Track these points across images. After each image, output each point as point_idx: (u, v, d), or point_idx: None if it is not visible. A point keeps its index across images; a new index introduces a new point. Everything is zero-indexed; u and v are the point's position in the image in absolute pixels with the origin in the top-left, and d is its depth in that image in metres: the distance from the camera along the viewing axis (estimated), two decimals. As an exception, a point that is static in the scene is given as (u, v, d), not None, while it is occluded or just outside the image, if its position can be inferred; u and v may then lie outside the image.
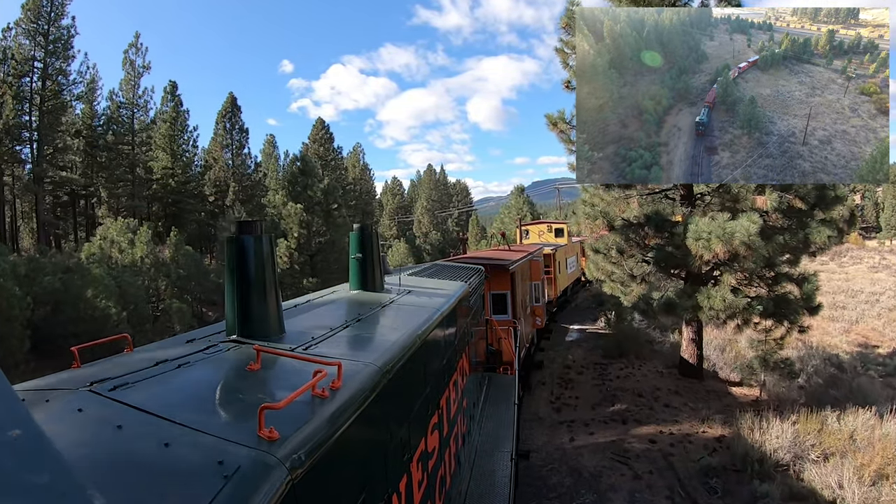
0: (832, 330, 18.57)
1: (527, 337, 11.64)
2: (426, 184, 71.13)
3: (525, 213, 35.80)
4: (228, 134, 42.19)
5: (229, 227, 25.41)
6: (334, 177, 45.51)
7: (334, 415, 1.76)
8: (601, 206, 11.12)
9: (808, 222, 9.31)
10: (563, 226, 22.75)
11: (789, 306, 9.77)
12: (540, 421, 9.37)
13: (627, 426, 9.00)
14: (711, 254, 8.69)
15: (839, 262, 37.47)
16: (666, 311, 10.33)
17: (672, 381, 11.36)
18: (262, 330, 2.47)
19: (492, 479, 4.68)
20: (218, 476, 1.24)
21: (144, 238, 21.66)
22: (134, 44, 36.45)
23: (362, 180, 58.31)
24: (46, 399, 1.57)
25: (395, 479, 2.47)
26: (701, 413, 9.34)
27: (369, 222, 33.09)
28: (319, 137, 49.59)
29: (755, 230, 8.18)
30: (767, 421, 7.86)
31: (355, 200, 52.80)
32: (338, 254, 25.37)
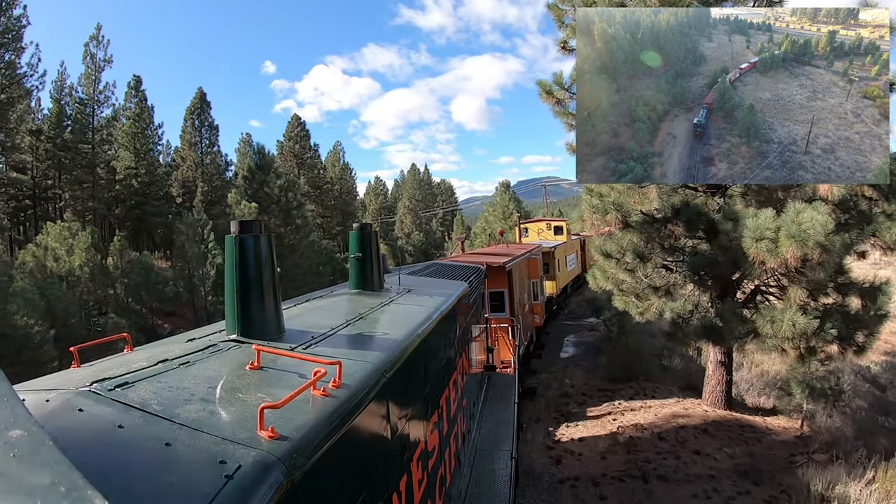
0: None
1: (525, 336, 11.65)
2: (410, 183, 70.15)
3: (511, 211, 33.21)
4: (197, 131, 39.64)
5: (187, 231, 23.46)
6: (311, 176, 44.44)
7: (334, 414, 1.77)
8: (612, 197, 8.68)
9: (876, 216, 7.44)
10: (563, 223, 22.86)
11: (861, 324, 7.55)
12: (535, 481, 7.26)
13: (650, 486, 6.94)
14: (779, 259, 6.51)
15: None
16: (706, 337, 8.19)
17: (696, 413, 9.47)
18: (261, 329, 2.47)
19: (492, 477, 4.69)
20: (219, 475, 1.24)
21: (84, 244, 19.62)
22: (95, 36, 33.79)
23: (342, 180, 56.25)
24: (46, 399, 1.57)
25: (396, 478, 2.48)
26: (742, 462, 7.43)
27: (353, 222, 34.58)
28: (295, 135, 47.20)
29: (831, 226, 6.15)
30: (832, 476, 6.23)
31: (335, 200, 51.51)
32: (301, 259, 22.49)
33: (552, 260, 18.07)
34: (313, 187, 45.35)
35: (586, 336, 17.25)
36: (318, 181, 47.17)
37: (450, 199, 75.61)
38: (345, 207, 53.39)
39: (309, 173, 45.63)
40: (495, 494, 4.43)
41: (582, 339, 16.96)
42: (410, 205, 63.50)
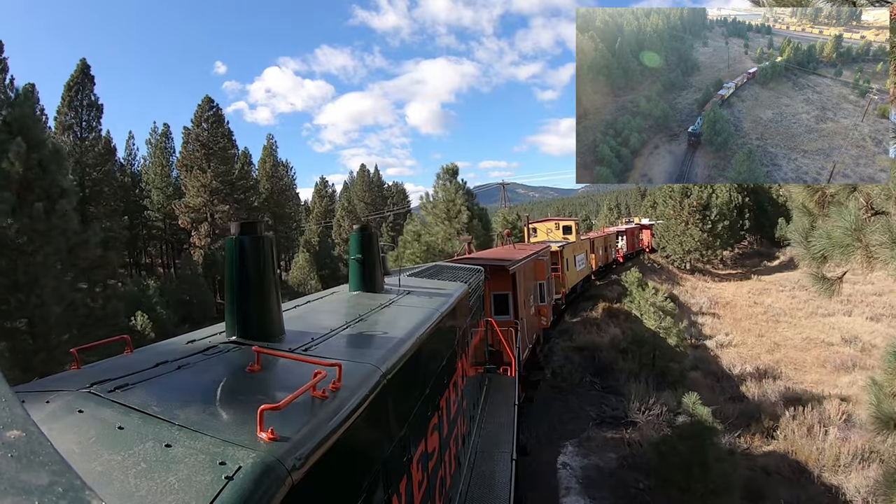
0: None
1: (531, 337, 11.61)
2: (359, 185, 64.48)
3: (460, 208, 22.38)
4: (74, 111, 31.27)
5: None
6: (222, 170, 36.99)
7: (334, 416, 1.77)
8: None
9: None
10: (572, 223, 22.90)
11: None
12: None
13: None
14: None
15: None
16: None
17: None
18: (261, 331, 2.47)
19: (492, 479, 4.68)
20: (219, 477, 1.25)
21: None
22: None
23: (274, 178, 48.39)
24: (46, 400, 1.57)
25: (395, 479, 2.48)
26: None
27: (292, 225, 28.56)
28: (206, 118, 38.18)
29: None
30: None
31: (264, 201, 44.31)
32: (51, 277, 10.80)
33: (561, 260, 18.06)
34: (224, 184, 37.46)
35: (599, 445, 8.90)
36: (229, 176, 38.31)
37: (402, 203, 66.74)
38: (276, 209, 46.20)
39: (220, 166, 37.37)
40: (495, 496, 4.42)
41: (592, 460, 8.57)
42: (350, 206, 54.97)
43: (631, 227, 38.60)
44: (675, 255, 33.80)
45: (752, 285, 31.05)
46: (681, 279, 31.69)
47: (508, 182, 59.79)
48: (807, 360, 17.66)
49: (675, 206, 33.63)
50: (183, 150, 38.27)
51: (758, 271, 35.51)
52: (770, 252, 42.49)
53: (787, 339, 20.20)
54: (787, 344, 19.61)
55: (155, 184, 41.20)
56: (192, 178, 36.57)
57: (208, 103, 38.78)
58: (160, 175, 41.51)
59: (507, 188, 54.31)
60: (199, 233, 36.67)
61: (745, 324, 22.70)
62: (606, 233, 32.97)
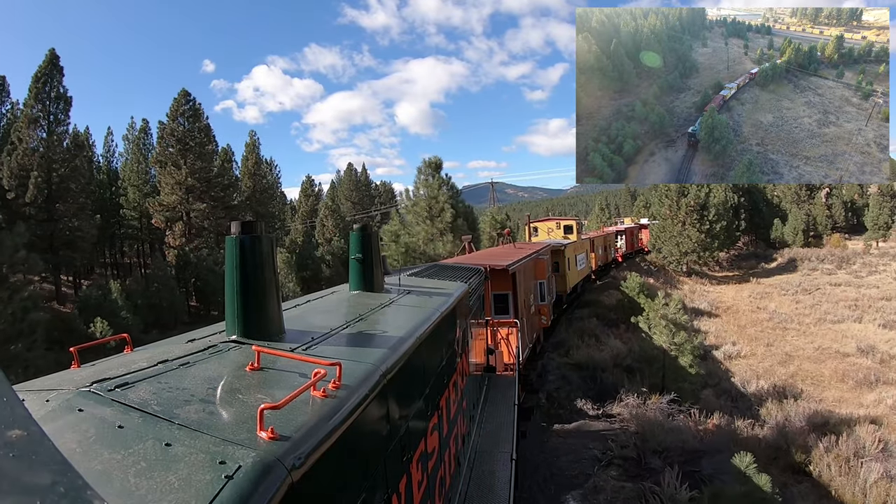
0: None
1: (531, 337, 11.61)
2: (346, 184, 63.70)
3: (443, 206, 20.77)
4: (42, 104, 28.95)
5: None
6: (199, 167, 35.50)
7: (334, 415, 1.77)
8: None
9: None
10: (573, 222, 22.96)
11: None
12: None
13: None
14: None
15: (849, 269, 33.28)
16: None
17: None
18: (262, 330, 2.47)
19: (492, 479, 4.68)
20: (218, 476, 1.24)
21: None
22: None
23: (257, 175, 46.99)
24: (46, 399, 1.57)
25: (395, 479, 2.48)
26: None
27: (274, 224, 27.09)
28: (182, 113, 36.27)
29: None
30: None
31: (245, 199, 42.80)
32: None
33: (562, 259, 18.07)
34: (201, 181, 36.05)
35: (610, 499, 7.03)
36: (206, 173, 36.44)
37: (390, 203, 64.60)
38: (258, 208, 44.57)
39: (198, 163, 35.73)
40: (495, 496, 4.42)
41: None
42: (334, 205, 52.38)
43: (630, 227, 38.74)
44: (671, 256, 33.42)
45: (752, 288, 30.71)
46: (678, 282, 31.34)
47: (497, 182, 59.28)
48: (824, 374, 16.83)
49: (671, 206, 33.30)
50: (158, 145, 36.89)
51: (756, 274, 35.26)
52: (766, 254, 42.38)
53: (798, 349, 19.33)
54: (799, 354, 18.77)
55: (131, 181, 40.08)
56: (167, 175, 35.28)
57: (185, 97, 36.97)
58: (137, 172, 40.26)
59: (496, 188, 54.10)
60: (174, 232, 35.37)
61: (751, 331, 22.07)
62: (606, 232, 33.04)
